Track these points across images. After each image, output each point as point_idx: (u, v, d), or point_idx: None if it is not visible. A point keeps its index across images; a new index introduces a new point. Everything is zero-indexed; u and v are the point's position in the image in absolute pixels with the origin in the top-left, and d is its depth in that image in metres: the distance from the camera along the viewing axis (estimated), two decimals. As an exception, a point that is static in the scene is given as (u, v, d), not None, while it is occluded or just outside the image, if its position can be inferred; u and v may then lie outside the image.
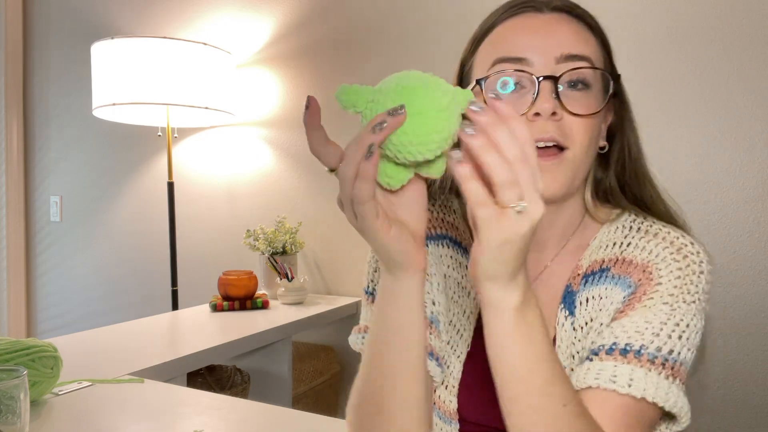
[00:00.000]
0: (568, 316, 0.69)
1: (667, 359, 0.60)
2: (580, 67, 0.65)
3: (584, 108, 0.65)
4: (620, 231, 0.71)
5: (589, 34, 0.69)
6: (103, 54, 1.98)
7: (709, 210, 1.54)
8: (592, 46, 0.68)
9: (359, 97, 0.50)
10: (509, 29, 0.69)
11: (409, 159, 0.49)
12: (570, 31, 0.67)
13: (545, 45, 0.66)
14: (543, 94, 0.64)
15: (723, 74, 1.52)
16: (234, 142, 2.30)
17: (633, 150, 0.74)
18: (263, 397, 1.77)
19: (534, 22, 0.68)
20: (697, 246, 0.67)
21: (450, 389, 0.72)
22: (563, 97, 0.65)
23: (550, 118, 0.64)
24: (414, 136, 0.48)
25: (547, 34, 0.67)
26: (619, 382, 0.58)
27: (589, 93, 0.66)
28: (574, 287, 0.70)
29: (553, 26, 0.67)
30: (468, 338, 0.73)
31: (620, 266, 0.68)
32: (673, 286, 0.63)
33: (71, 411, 1.00)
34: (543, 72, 0.65)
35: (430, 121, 0.47)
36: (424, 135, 0.48)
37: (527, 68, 0.65)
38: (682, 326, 0.61)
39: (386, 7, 1.98)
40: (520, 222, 0.47)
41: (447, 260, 0.77)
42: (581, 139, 0.66)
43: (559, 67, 0.65)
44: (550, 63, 0.65)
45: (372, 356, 0.65)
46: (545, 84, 0.64)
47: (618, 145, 0.74)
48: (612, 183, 0.74)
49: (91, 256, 2.69)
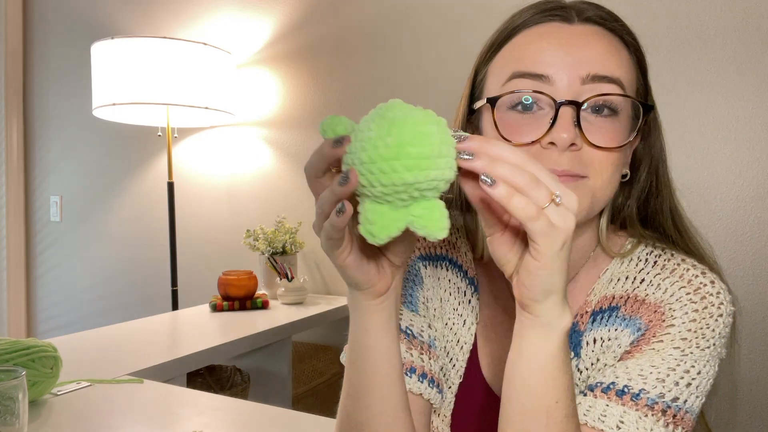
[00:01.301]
0: (573, 358, 0.64)
1: (669, 406, 0.56)
2: (608, 93, 0.58)
3: (608, 139, 0.58)
4: (634, 264, 0.65)
5: (624, 52, 0.62)
6: (103, 54, 1.98)
7: (709, 210, 1.54)
8: (626, 67, 0.61)
9: (340, 125, 0.43)
10: (531, 40, 0.61)
11: (395, 182, 0.40)
12: (601, 48, 0.59)
13: (571, 62, 0.58)
14: (561, 122, 0.56)
15: (723, 74, 1.52)
16: (234, 142, 2.30)
17: (662, 182, 0.67)
18: (263, 398, 1.77)
19: (561, 33, 0.60)
20: (718, 285, 0.61)
21: (443, 418, 0.70)
22: (585, 125, 0.57)
23: (568, 149, 0.57)
24: (396, 148, 0.40)
25: (574, 49, 0.59)
26: (608, 422, 0.55)
27: (615, 120, 0.59)
28: (581, 327, 0.65)
29: (582, 41, 0.59)
30: (461, 369, 0.70)
31: (631, 305, 0.63)
32: (687, 329, 0.59)
33: (70, 411, 1.00)
34: (565, 94, 0.57)
35: (417, 142, 0.40)
36: (410, 146, 0.40)
37: (547, 87, 0.58)
38: (692, 373, 0.57)
39: (386, 8, 1.98)
40: (565, 216, 0.44)
41: (445, 283, 0.73)
42: (602, 171, 0.58)
43: (584, 89, 0.58)
44: (574, 83, 0.58)
45: (346, 376, 0.60)
46: (566, 110, 0.57)
47: (644, 174, 0.67)
48: (632, 213, 0.68)
49: (91, 256, 2.69)
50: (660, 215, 0.67)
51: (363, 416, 0.58)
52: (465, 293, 0.72)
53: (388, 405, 0.57)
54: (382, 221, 0.42)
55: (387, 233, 0.42)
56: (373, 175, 0.40)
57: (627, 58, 0.62)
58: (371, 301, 0.54)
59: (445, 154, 0.41)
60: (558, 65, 0.58)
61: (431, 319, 0.72)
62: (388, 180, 0.40)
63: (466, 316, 0.71)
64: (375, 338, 0.55)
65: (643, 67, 0.65)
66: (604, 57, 0.59)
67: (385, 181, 0.40)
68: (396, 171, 0.40)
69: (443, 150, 0.41)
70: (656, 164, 0.67)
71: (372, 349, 0.56)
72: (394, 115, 0.41)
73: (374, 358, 0.56)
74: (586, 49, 0.59)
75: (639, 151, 0.67)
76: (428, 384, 0.67)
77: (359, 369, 0.57)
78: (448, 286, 0.73)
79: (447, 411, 0.70)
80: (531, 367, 0.48)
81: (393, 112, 0.41)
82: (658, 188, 0.67)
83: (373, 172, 0.40)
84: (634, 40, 0.64)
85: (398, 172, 0.40)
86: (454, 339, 0.71)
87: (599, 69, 0.58)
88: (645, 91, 0.65)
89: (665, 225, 0.67)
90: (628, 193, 0.68)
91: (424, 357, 0.68)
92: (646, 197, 0.68)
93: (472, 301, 0.72)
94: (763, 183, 1.49)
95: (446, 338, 0.72)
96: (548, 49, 0.59)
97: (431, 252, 0.75)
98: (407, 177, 0.40)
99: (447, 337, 0.72)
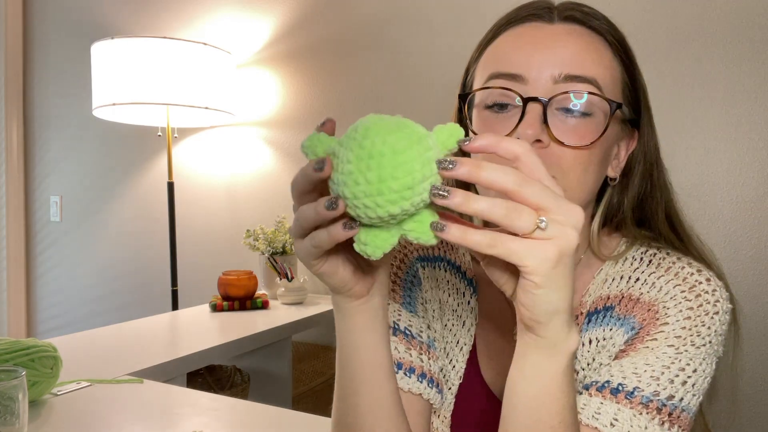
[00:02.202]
0: None
1: (665, 404, 0.55)
2: (575, 91, 0.57)
3: (577, 138, 0.57)
4: (629, 263, 0.65)
5: (605, 51, 0.61)
6: (103, 54, 1.98)
7: (709, 210, 1.54)
8: (604, 67, 0.60)
9: (319, 146, 0.42)
10: (509, 40, 0.61)
11: (381, 215, 0.39)
12: (578, 47, 0.59)
13: (544, 61, 0.58)
14: (528, 119, 0.56)
15: (723, 74, 1.52)
16: (234, 142, 2.30)
17: (656, 186, 0.65)
18: (263, 398, 1.77)
19: (538, 33, 0.60)
20: (714, 283, 0.60)
21: (443, 419, 0.70)
22: (554, 123, 0.57)
23: (533, 145, 0.56)
24: (378, 184, 0.38)
25: (549, 49, 0.58)
26: (602, 420, 0.54)
27: (588, 120, 0.58)
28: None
29: (558, 40, 0.59)
30: (460, 370, 0.70)
31: (626, 305, 0.62)
32: (681, 327, 0.58)
33: (70, 411, 1.00)
34: (536, 93, 0.57)
35: (398, 175, 0.38)
36: (391, 180, 0.38)
37: (521, 87, 0.58)
38: (688, 371, 0.57)
39: (386, 7, 1.98)
40: (560, 231, 0.40)
41: (444, 285, 0.72)
42: (570, 170, 0.58)
43: (556, 88, 0.57)
44: (546, 83, 0.57)
45: (336, 378, 0.59)
46: (533, 107, 0.57)
47: (637, 178, 0.65)
48: (627, 216, 0.66)
49: (91, 256, 2.69)
50: (655, 218, 0.66)
51: (351, 417, 0.57)
52: (464, 294, 0.72)
53: (376, 405, 0.56)
54: (375, 242, 0.42)
55: (381, 251, 0.42)
56: (359, 209, 0.40)
57: (608, 58, 0.61)
58: (352, 303, 0.52)
59: (428, 176, 0.40)
60: (531, 65, 0.58)
61: (430, 321, 0.71)
62: (374, 214, 0.40)
63: (465, 318, 0.71)
64: (359, 338, 0.54)
65: (629, 68, 0.63)
66: (579, 56, 0.58)
67: (371, 214, 0.40)
68: (380, 206, 0.39)
69: (426, 173, 0.39)
70: (650, 168, 0.66)
71: (357, 349, 0.54)
72: (372, 145, 0.39)
73: (359, 358, 0.54)
74: (561, 49, 0.58)
75: (634, 154, 0.66)
76: (427, 384, 0.67)
77: (344, 369, 0.56)
78: (447, 288, 0.73)
79: (447, 412, 0.70)
80: (534, 389, 0.46)
81: (370, 139, 0.39)
82: (652, 192, 0.66)
83: (358, 207, 0.40)
84: (617, 40, 0.62)
85: (383, 207, 0.39)
86: (454, 340, 0.71)
87: (572, 68, 0.58)
88: (633, 91, 0.63)
89: (661, 228, 0.66)
90: (623, 196, 0.67)
91: (423, 357, 0.68)
92: (641, 201, 0.66)
93: (471, 302, 0.72)
94: (763, 183, 1.49)
95: (446, 339, 0.72)
96: (523, 48, 0.59)
97: (429, 253, 0.74)
98: (392, 209, 0.39)
99: (446, 339, 0.71)
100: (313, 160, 0.42)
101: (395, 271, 0.72)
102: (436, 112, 1.89)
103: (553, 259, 0.40)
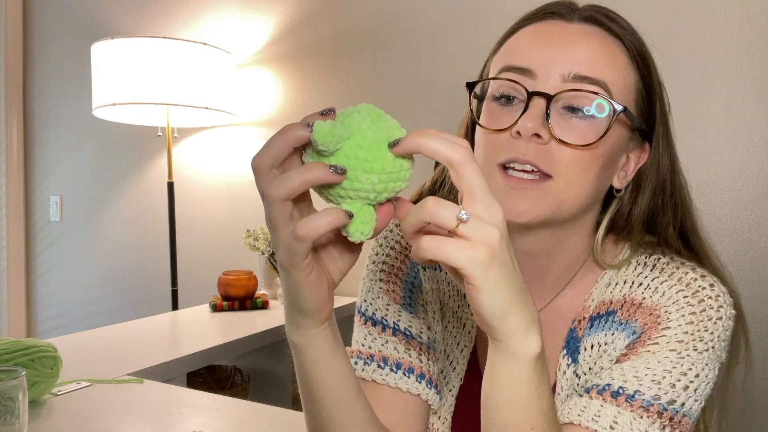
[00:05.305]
0: (571, 364, 0.64)
1: (665, 409, 0.55)
2: (583, 91, 0.57)
3: (577, 137, 0.56)
4: (632, 267, 0.64)
5: (621, 56, 0.60)
6: (103, 54, 1.98)
7: (709, 210, 1.54)
8: (617, 71, 0.59)
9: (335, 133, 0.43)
10: (526, 36, 0.61)
11: (378, 190, 0.43)
12: (592, 49, 0.58)
13: (555, 59, 0.58)
14: (530, 112, 0.56)
15: (723, 74, 1.52)
16: (234, 142, 2.30)
17: (668, 204, 0.64)
18: (263, 397, 1.77)
19: (555, 31, 0.60)
20: (717, 289, 0.60)
21: (443, 420, 0.70)
22: (554, 120, 0.57)
23: (532, 139, 0.56)
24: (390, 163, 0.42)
25: (562, 47, 0.58)
26: (602, 423, 0.54)
27: (592, 122, 0.57)
28: (579, 333, 0.64)
29: (573, 39, 0.59)
30: (461, 372, 0.70)
31: (627, 309, 0.62)
32: (684, 332, 0.57)
33: (70, 411, 1.00)
34: (542, 88, 0.57)
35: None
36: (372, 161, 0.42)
37: (529, 81, 0.58)
38: (690, 376, 0.56)
39: (386, 7, 1.98)
40: (482, 230, 0.41)
41: (444, 286, 0.72)
42: (569, 170, 0.57)
43: (564, 87, 0.57)
44: (555, 80, 0.57)
45: (304, 409, 0.59)
46: (537, 101, 0.57)
47: (648, 192, 0.64)
48: (636, 229, 0.65)
49: (91, 256, 2.69)
50: (665, 234, 0.65)
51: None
52: (464, 296, 0.72)
53: (351, 425, 0.56)
54: (372, 220, 0.44)
55: (372, 230, 0.44)
56: (363, 182, 0.43)
57: (622, 63, 0.60)
58: (318, 329, 0.50)
59: (399, 168, 0.43)
60: (542, 60, 0.58)
61: (431, 322, 0.71)
62: (373, 187, 0.43)
63: (465, 320, 0.71)
64: (327, 366, 0.52)
65: (645, 76, 0.62)
66: (591, 57, 0.58)
67: (371, 188, 0.43)
68: (381, 181, 0.43)
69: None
70: (662, 183, 0.64)
71: (327, 378, 0.53)
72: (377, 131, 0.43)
73: (330, 386, 0.53)
74: (575, 48, 0.58)
75: (645, 167, 0.64)
76: (426, 384, 0.67)
77: (315, 403, 0.55)
78: (448, 290, 0.72)
79: (447, 413, 0.70)
80: (503, 394, 0.47)
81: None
82: (664, 209, 0.64)
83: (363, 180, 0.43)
84: (636, 46, 0.62)
85: (383, 183, 0.43)
86: (454, 342, 0.71)
87: (583, 69, 0.58)
88: (647, 101, 0.63)
89: (672, 242, 0.64)
90: (632, 209, 0.65)
91: (422, 357, 0.68)
92: (652, 216, 0.65)
93: None
94: (763, 183, 1.49)
95: (446, 341, 0.72)
96: (537, 44, 0.60)
97: None
98: (393, 186, 0.44)
99: (447, 340, 0.72)
100: (296, 123, 0.42)
101: (396, 272, 0.72)
102: (436, 111, 1.89)
103: (484, 260, 0.40)
